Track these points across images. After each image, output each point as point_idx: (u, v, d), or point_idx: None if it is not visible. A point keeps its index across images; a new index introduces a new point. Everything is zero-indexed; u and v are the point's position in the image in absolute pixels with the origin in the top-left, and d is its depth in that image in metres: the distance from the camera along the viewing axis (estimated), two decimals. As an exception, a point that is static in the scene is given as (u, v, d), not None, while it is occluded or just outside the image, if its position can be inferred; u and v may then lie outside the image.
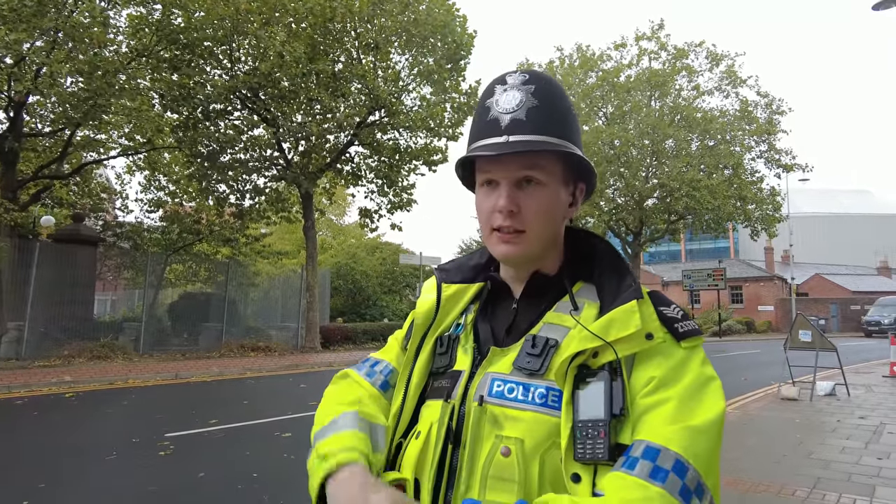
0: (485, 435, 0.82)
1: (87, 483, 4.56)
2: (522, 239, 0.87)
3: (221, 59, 15.55)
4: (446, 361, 0.93)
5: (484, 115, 0.88)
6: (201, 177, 16.49)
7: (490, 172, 0.88)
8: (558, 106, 0.88)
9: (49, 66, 11.48)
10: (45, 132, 15.22)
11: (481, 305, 0.98)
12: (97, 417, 7.38)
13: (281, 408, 7.88)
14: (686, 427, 0.73)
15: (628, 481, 0.70)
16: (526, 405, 0.81)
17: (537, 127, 0.85)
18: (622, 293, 0.84)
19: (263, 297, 20.93)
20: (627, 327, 0.79)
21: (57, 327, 13.77)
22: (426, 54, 17.08)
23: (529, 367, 0.83)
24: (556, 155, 0.87)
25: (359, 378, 1.03)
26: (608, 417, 0.75)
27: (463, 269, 1.04)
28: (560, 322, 0.87)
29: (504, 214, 0.86)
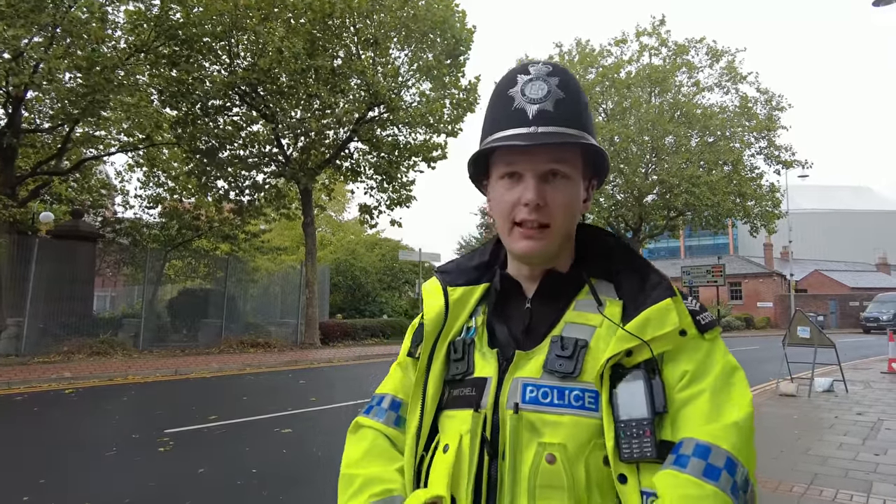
0: (524, 443, 0.80)
1: (87, 478, 4.57)
2: (546, 234, 0.85)
3: (220, 55, 15.51)
4: (464, 368, 0.89)
5: (507, 104, 0.85)
6: (200, 173, 16.48)
7: (514, 164, 0.85)
8: (582, 99, 0.87)
9: (47, 62, 11.45)
10: (44, 128, 15.19)
11: (492, 306, 0.95)
12: (97, 413, 7.39)
13: (280, 404, 7.89)
14: (732, 424, 0.75)
15: (682, 479, 0.71)
16: (564, 409, 0.80)
17: (566, 119, 0.83)
18: (651, 290, 0.83)
19: (263, 293, 20.94)
20: (664, 325, 0.79)
21: (56, 323, 13.77)
22: (425, 50, 17.04)
23: (562, 369, 0.81)
24: (579, 149, 0.86)
25: (373, 423, 0.98)
26: (652, 416, 0.75)
27: (465, 270, 1.00)
28: (584, 321, 0.86)
29: (531, 208, 0.83)
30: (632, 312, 0.82)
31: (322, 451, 5.51)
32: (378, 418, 0.98)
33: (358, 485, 0.89)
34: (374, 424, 0.98)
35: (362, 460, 0.93)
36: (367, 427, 0.98)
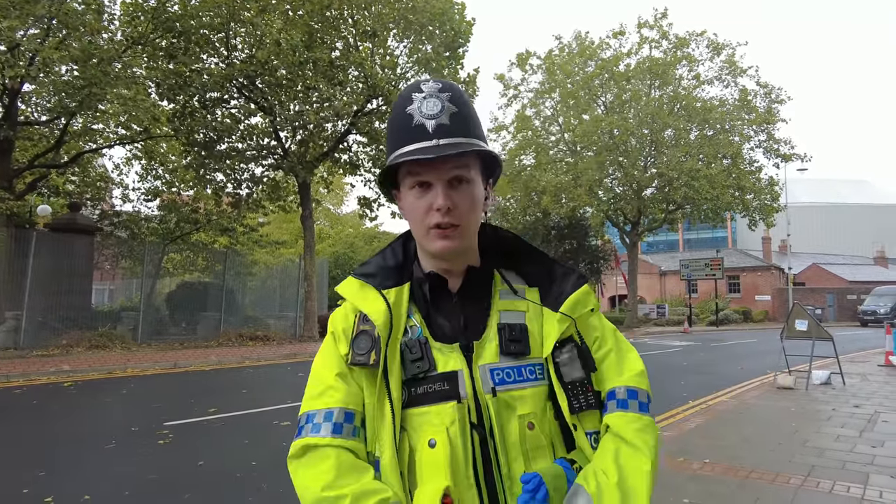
0: (506, 420, 0.94)
1: (87, 471, 4.58)
2: (458, 233, 0.96)
3: (218, 47, 15.43)
4: (426, 366, 0.96)
5: (407, 121, 0.94)
6: (198, 166, 16.42)
7: (422, 175, 0.95)
8: (472, 110, 0.98)
9: (42, 54, 11.38)
10: (41, 121, 15.12)
11: (422, 304, 1.03)
12: (96, 406, 7.40)
13: (279, 396, 7.90)
14: (642, 371, 1.04)
15: (630, 417, 0.97)
16: (525, 383, 0.96)
17: (461, 130, 0.94)
18: (567, 277, 1.04)
19: (261, 286, 20.93)
20: (586, 305, 1.02)
21: (55, 317, 13.76)
22: (424, 42, 16.96)
23: (517, 350, 0.97)
24: (476, 154, 0.96)
25: (329, 441, 0.93)
26: (588, 375, 0.98)
27: (388, 271, 1.06)
28: (513, 308, 1.03)
29: (443, 212, 0.93)
30: (556, 297, 1.02)
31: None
32: (335, 434, 0.94)
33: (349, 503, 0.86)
34: (330, 441, 0.93)
35: (339, 479, 0.89)
36: (323, 446, 0.93)
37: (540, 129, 27.64)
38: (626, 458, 0.92)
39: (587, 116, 25.27)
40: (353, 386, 0.98)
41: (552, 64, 26.54)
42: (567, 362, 0.97)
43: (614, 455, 0.92)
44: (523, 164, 27.68)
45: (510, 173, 26.95)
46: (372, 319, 0.98)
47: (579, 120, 25.58)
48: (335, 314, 1.08)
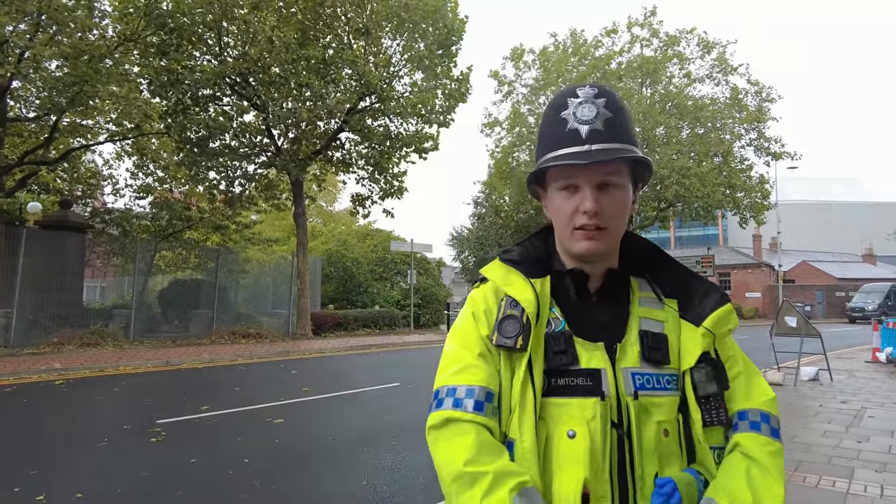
0: (644, 423, 0.96)
1: (79, 469, 4.58)
2: (603, 236, 0.98)
3: (210, 44, 15.34)
4: (568, 360, 0.98)
5: (560, 125, 0.98)
6: (191, 163, 16.34)
7: (572, 178, 0.98)
8: (627, 116, 1.00)
9: (32, 50, 11.29)
10: (30, 117, 15.00)
11: (569, 300, 1.05)
12: (88, 404, 7.38)
13: (272, 394, 7.91)
14: (774, 398, 1.05)
15: (762, 440, 0.98)
16: (662, 391, 0.99)
17: (615, 136, 0.96)
18: (709, 294, 1.05)
19: (254, 283, 20.88)
20: (728, 324, 1.02)
21: (46, 315, 13.68)
22: (417, 40, 16.93)
23: (658, 358, 1.00)
24: (627, 160, 0.98)
25: (472, 417, 0.95)
26: (721, 392, 1.00)
27: (534, 262, 1.09)
28: (653, 316, 1.04)
29: (590, 215, 0.96)
30: (698, 311, 1.03)
31: (314, 442, 5.55)
32: (476, 411, 0.95)
33: (488, 482, 0.87)
34: (473, 417, 0.95)
35: (481, 455, 0.90)
36: (465, 421, 0.95)
37: (534, 126, 27.68)
38: (759, 480, 0.93)
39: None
40: (493, 367, 1.00)
41: (546, 60, 26.58)
42: (704, 377, 0.98)
43: (746, 475, 0.93)
44: (518, 160, 27.73)
45: (504, 170, 26.98)
46: (522, 305, 1.01)
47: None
48: (475, 295, 1.08)
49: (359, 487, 4.22)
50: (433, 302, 25.53)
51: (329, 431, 5.94)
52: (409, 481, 4.37)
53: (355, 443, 5.47)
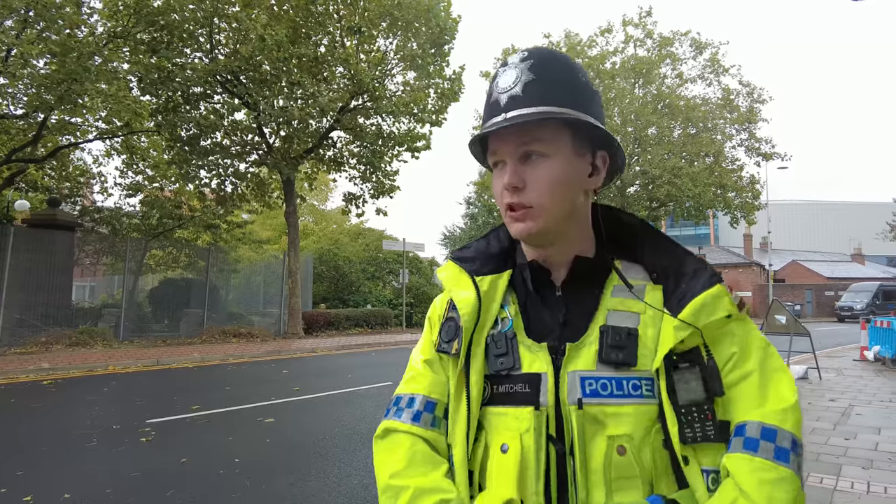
0: (590, 437, 0.80)
1: (67, 470, 4.54)
2: (532, 214, 0.84)
3: (201, 42, 15.24)
4: (509, 363, 0.86)
5: (488, 99, 0.87)
6: (181, 161, 16.24)
7: (496, 153, 0.87)
8: (559, 76, 0.84)
9: (20, 48, 11.16)
10: (18, 114, 14.84)
11: (524, 296, 0.92)
12: (76, 404, 7.32)
13: (263, 394, 7.88)
14: (791, 406, 0.79)
15: (756, 463, 0.75)
16: (625, 399, 0.80)
17: (534, 99, 0.82)
18: (697, 275, 0.84)
19: (245, 282, 20.78)
20: (716, 312, 0.80)
21: (34, 314, 13.54)
22: (410, 39, 16.91)
23: (619, 360, 0.81)
24: (560, 125, 0.83)
25: (408, 427, 0.92)
26: (711, 399, 0.78)
27: (488, 257, 0.97)
28: (625, 308, 0.86)
29: (510, 191, 0.84)
30: (679, 299, 0.82)
31: (305, 441, 5.53)
32: (413, 422, 0.92)
33: (408, 497, 0.84)
34: (409, 428, 0.92)
35: (407, 469, 0.87)
36: (402, 432, 0.92)
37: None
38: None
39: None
40: (441, 374, 0.95)
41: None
42: (684, 380, 0.79)
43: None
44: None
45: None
46: (458, 308, 0.91)
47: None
48: (435, 300, 1.02)
49: (350, 486, 4.21)
50: (425, 301, 25.49)
51: (320, 431, 5.92)
52: (400, 480, 4.35)
53: (346, 442, 5.45)
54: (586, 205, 0.91)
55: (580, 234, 0.91)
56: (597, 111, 0.87)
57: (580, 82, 0.86)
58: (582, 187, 0.87)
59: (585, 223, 0.92)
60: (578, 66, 0.88)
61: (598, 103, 0.88)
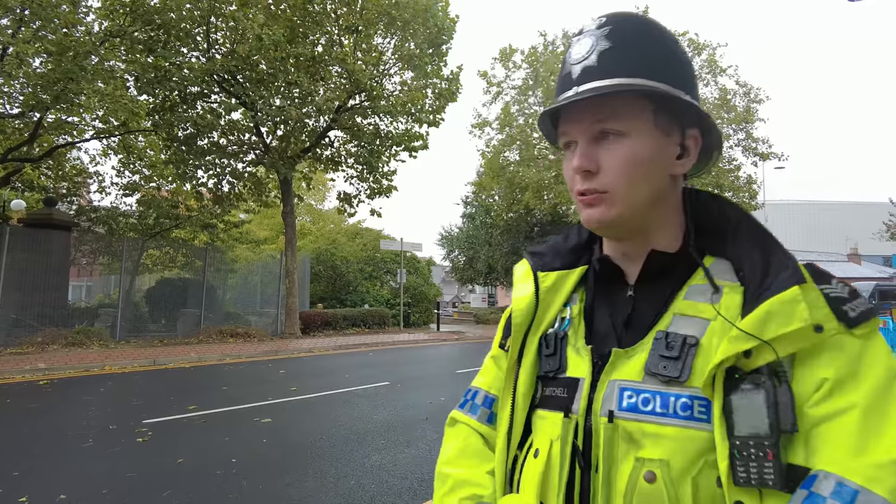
0: (620, 456, 0.70)
1: (63, 470, 4.53)
2: (605, 200, 0.73)
3: (198, 41, 15.21)
4: (555, 365, 0.80)
5: (561, 72, 0.77)
6: (178, 161, 16.21)
7: (567, 134, 0.77)
8: (641, 43, 0.73)
9: (15, 47, 11.12)
10: (14, 114, 14.78)
11: (589, 294, 0.84)
12: (73, 405, 7.29)
13: (260, 394, 7.87)
14: (891, 461, 0.57)
15: None
16: (668, 419, 0.67)
17: (610, 70, 0.71)
18: (775, 275, 0.67)
19: (242, 282, 20.75)
20: (790, 322, 0.62)
21: (30, 314, 13.50)
22: (407, 38, 16.90)
23: (666, 372, 0.69)
24: (640, 98, 0.72)
25: (467, 420, 0.94)
26: (776, 434, 0.60)
27: (560, 251, 0.89)
28: (695, 312, 0.72)
29: (581, 176, 0.74)
30: (752, 303, 0.67)
31: (302, 441, 5.53)
32: (471, 414, 0.93)
33: (449, 486, 0.86)
34: (467, 420, 0.93)
35: (456, 459, 0.89)
36: (462, 423, 0.94)
37: (524, 125, 27.77)
38: None
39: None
40: (500, 371, 0.92)
41: (535, 60, 26.66)
42: (745, 406, 0.62)
43: None
44: (507, 159, 27.79)
45: (494, 169, 27.06)
46: (512, 304, 0.86)
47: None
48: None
49: (347, 487, 4.21)
50: (423, 301, 25.53)
51: (317, 431, 5.92)
52: (397, 481, 4.36)
53: (344, 442, 5.45)
54: (674, 191, 0.79)
55: (665, 225, 0.78)
56: (687, 84, 0.75)
57: (666, 50, 0.74)
58: (667, 171, 0.75)
59: (673, 213, 0.79)
60: (666, 32, 0.76)
61: (689, 74, 0.77)
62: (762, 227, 0.76)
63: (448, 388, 8.70)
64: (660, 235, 0.78)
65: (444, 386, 9.02)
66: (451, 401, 7.64)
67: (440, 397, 7.86)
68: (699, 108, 0.74)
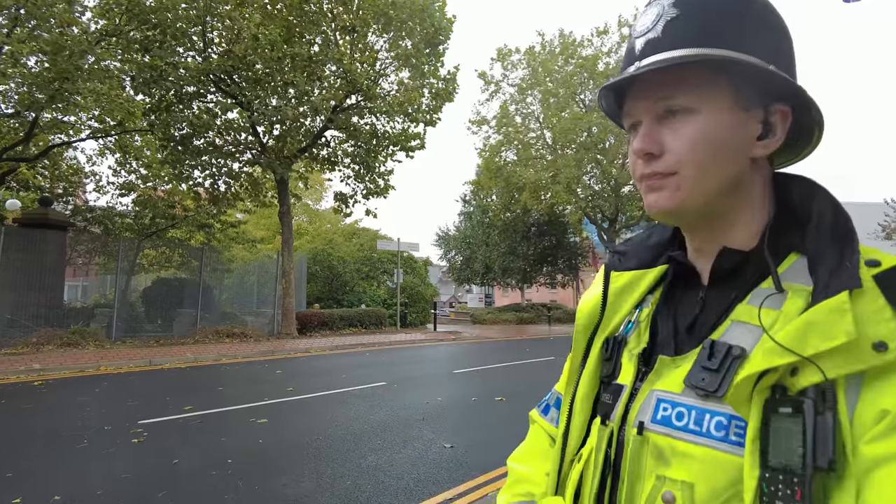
0: (645, 473, 0.64)
1: (58, 471, 4.51)
2: (671, 183, 0.65)
3: (195, 41, 15.18)
4: (610, 370, 0.75)
5: (627, 48, 0.70)
6: (174, 161, 16.17)
7: (631, 114, 0.69)
8: (715, 6, 0.64)
9: (10, 46, 11.08)
10: (9, 113, 14.73)
11: (663, 295, 0.76)
12: (68, 405, 7.27)
13: (257, 394, 7.85)
14: None
15: None
16: (699, 438, 0.59)
17: (677, 41, 0.63)
18: (834, 276, 0.56)
19: (239, 282, 20.72)
20: (832, 336, 0.51)
21: (25, 314, 13.45)
22: (404, 38, 16.91)
23: (704, 385, 0.61)
24: (713, 70, 0.63)
25: (539, 420, 0.98)
26: (809, 470, 0.50)
27: (639, 249, 0.81)
28: (750, 319, 0.62)
29: (643, 160, 0.66)
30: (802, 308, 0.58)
31: (298, 442, 5.52)
32: (543, 415, 0.97)
33: (511, 480, 0.91)
34: (540, 421, 0.97)
35: (523, 456, 0.94)
36: (536, 423, 0.98)
37: (521, 126, 27.80)
38: None
39: (567, 114, 25.45)
40: None
41: (533, 60, 26.69)
42: (780, 432, 0.53)
43: None
44: (505, 159, 27.81)
45: (492, 168, 27.10)
46: (579, 306, 0.83)
47: (558, 118, 25.79)
48: None
49: (344, 487, 4.20)
50: (420, 301, 25.53)
51: (313, 431, 5.91)
52: (394, 481, 4.36)
53: (340, 442, 5.44)
54: (756, 177, 0.68)
55: (743, 216, 0.68)
56: (774, 52, 0.64)
57: (746, 12, 0.64)
58: (747, 153, 0.65)
59: (756, 201, 0.68)
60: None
61: (777, 41, 0.65)
62: (847, 221, 0.63)
63: (445, 389, 8.70)
64: (737, 228, 0.68)
65: (440, 386, 9.02)
66: (448, 401, 7.64)
67: (437, 397, 7.86)
68: (790, 81, 0.63)
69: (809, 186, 0.68)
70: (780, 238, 0.65)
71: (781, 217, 0.67)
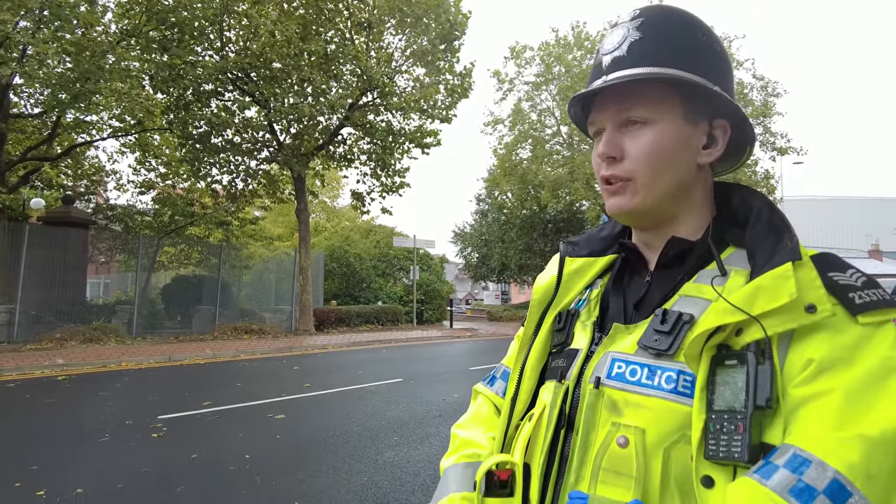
0: (600, 422, 0.72)
1: (80, 465, 4.57)
2: (629, 188, 0.76)
3: (212, 39, 15.31)
4: (562, 339, 0.84)
5: (594, 63, 0.80)
6: (193, 159, 16.35)
7: (595, 122, 0.80)
8: (672, 34, 0.75)
9: (37, 48, 11.27)
10: (34, 113, 15.01)
11: (612, 278, 0.87)
12: (90, 400, 7.38)
13: (274, 390, 7.91)
14: (856, 436, 0.54)
15: (760, 492, 0.55)
16: (651, 390, 0.69)
17: (638, 60, 0.74)
18: (776, 255, 0.66)
19: (257, 279, 20.90)
20: (777, 297, 0.61)
21: (49, 310, 13.72)
22: (420, 34, 16.87)
23: (656, 346, 0.70)
24: (668, 87, 0.74)
25: (484, 391, 1.06)
26: (750, 409, 0.59)
27: (592, 240, 0.92)
28: (699, 294, 0.72)
29: (606, 162, 0.77)
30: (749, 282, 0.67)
31: (315, 437, 5.53)
32: (489, 386, 1.05)
33: (455, 444, 0.96)
34: (484, 392, 1.05)
35: (467, 423, 1.00)
36: (480, 394, 1.06)
37: (536, 122, 27.60)
38: None
39: (583, 109, 25.22)
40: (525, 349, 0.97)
41: (547, 55, 26.47)
42: (726, 381, 0.62)
43: None
44: (520, 157, 27.65)
45: (507, 167, 26.95)
46: (534, 285, 0.92)
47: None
48: None
49: (360, 483, 4.20)
50: (436, 298, 25.53)
51: (330, 427, 5.92)
52: (410, 477, 4.34)
53: (356, 439, 5.45)
54: (701, 182, 0.79)
55: (689, 215, 0.79)
56: (718, 74, 0.76)
57: (697, 41, 0.76)
58: (693, 160, 0.76)
59: (699, 203, 0.80)
60: (700, 24, 0.78)
61: (720, 65, 0.77)
62: (782, 216, 0.74)
63: (461, 385, 8.68)
64: (683, 225, 0.79)
65: (457, 383, 8.99)
66: (464, 397, 7.61)
67: (453, 394, 7.84)
68: (729, 100, 0.74)
69: (748, 192, 0.80)
70: (721, 234, 0.77)
71: (723, 218, 0.79)
